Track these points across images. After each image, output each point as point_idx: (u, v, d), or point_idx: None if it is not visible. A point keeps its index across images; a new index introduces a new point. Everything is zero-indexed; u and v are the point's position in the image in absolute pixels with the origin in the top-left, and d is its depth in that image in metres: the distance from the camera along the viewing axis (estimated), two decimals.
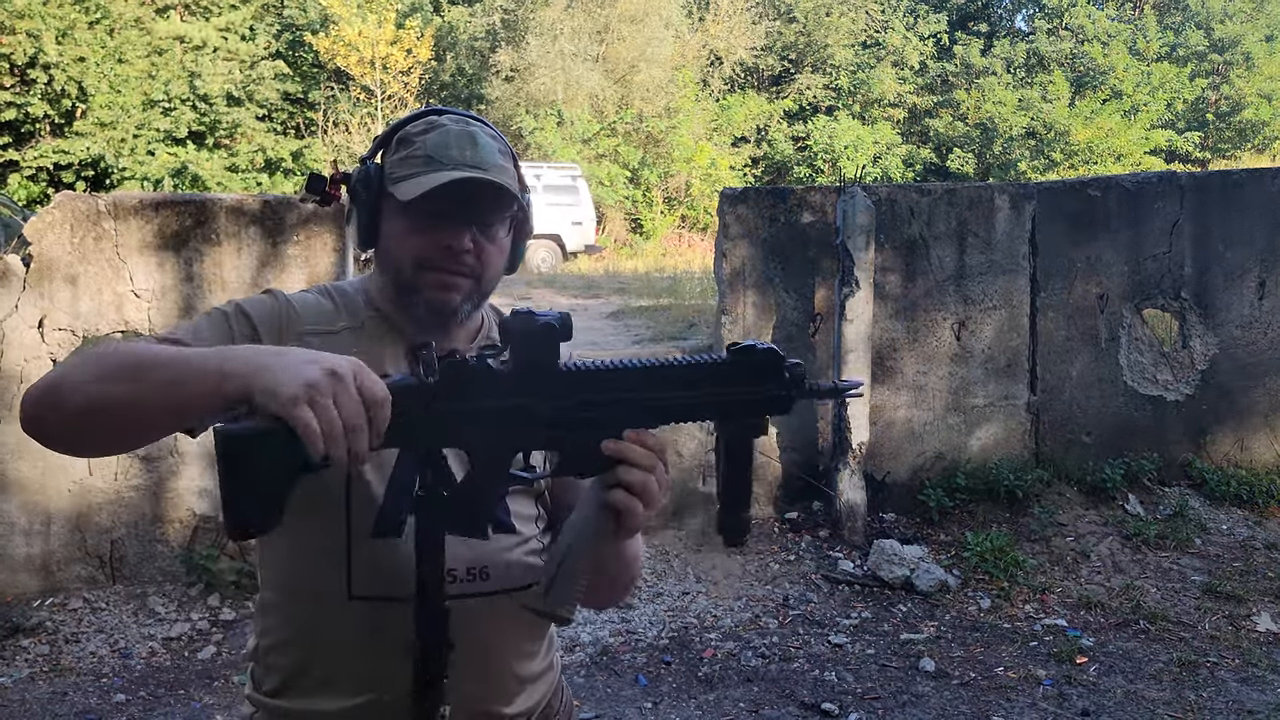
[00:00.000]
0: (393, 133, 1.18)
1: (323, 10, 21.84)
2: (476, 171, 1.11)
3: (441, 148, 1.13)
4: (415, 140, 1.14)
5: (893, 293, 4.80)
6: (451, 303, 1.14)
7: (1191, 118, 23.98)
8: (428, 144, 1.13)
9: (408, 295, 1.15)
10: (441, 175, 1.10)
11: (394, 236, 1.15)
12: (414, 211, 1.11)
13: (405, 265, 1.14)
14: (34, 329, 3.94)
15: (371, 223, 1.16)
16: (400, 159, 1.14)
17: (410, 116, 1.18)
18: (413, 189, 1.10)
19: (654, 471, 0.98)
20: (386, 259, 1.17)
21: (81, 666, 3.62)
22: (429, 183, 1.10)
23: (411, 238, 1.13)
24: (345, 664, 1.11)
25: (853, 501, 4.55)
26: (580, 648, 3.77)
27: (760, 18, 25.09)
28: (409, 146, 1.14)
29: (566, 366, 0.97)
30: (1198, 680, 3.49)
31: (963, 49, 25.43)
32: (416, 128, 1.15)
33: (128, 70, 18.03)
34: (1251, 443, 4.97)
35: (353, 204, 1.16)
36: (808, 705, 3.34)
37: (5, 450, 3.93)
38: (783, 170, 24.21)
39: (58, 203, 4.03)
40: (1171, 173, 5.16)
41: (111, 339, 0.93)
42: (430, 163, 1.12)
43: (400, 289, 1.15)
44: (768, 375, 0.96)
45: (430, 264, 1.13)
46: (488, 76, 22.33)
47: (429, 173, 1.11)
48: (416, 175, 1.11)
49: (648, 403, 0.97)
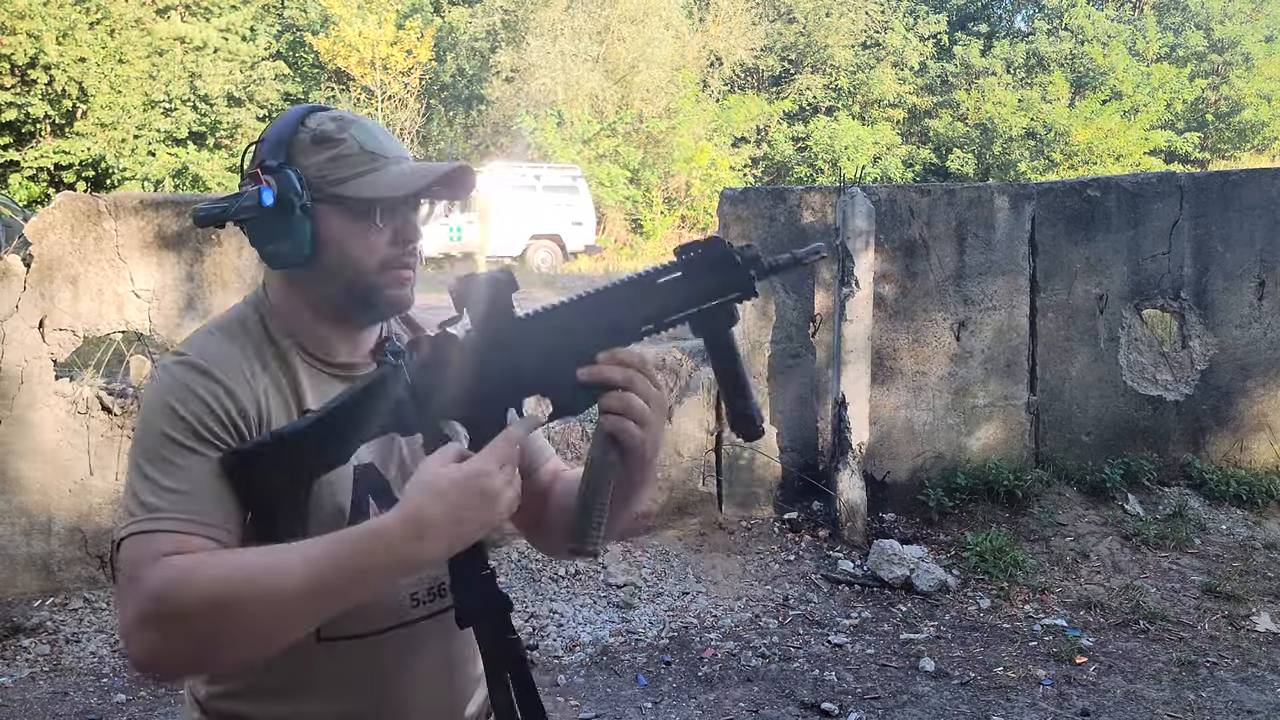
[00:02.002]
0: (285, 139, 1.08)
1: (323, 11, 21.86)
2: (411, 160, 1.10)
3: (372, 140, 1.09)
4: (336, 138, 1.07)
5: (892, 293, 4.80)
6: (409, 297, 1.13)
7: (1191, 118, 23.99)
8: (355, 139, 1.08)
9: (365, 301, 1.10)
10: (406, 168, 1.08)
11: (350, 241, 1.07)
12: (384, 212, 1.07)
13: (369, 269, 1.08)
14: (34, 329, 3.95)
15: (313, 234, 1.06)
16: (328, 159, 1.07)
17: (294, 120, 1.10)
18: (389, 186, 1.06)
19: (634, 386, 0.96)
20: (334, 268, 1.08)
21: (82, 666, 3.62)
22: (411, 176, 1.07)
23: (373, 238, 1.07)
24: (314, 707, 1.08)
25: (853, 501, 4.56)
26: (580, 648, 3.77)
27: (760, 18, 25.11)
28: (332, 145, 1.07)
29: (525, 313, 0.99)
30: (1197, 680, 3.49)
31: (962, 49, 25.44)
32: (325, 126, 1.08)
33: (128, 71, 18.03)
34: (1251, 443, 4.97)
35: (280, 217, 1.05)
36: (808, 705, 3.34)
37: (5, 450, 3.93)
38: (783, 171, 24.22)
39: (58, 203, 4.03)
40: (1171, 173, 5.16)
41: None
42: (374, 158, 1.07)
43: (357, 297, 1.10)
44: (721, 264, 0.95)
45: (393, 262, 1.09)
46: (488, 77, 22.34)
47: (378, 169, 1.07)
48: (367, 173, 1.06)
49: (613, 324, 0.97)
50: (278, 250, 1.07)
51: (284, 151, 1.07)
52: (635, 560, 4.41)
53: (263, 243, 1.08)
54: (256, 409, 1.04)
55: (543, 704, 1.05)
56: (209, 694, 1.09)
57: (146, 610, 0.90)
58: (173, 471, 0.98)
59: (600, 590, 4.20)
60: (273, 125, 1.11)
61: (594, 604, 4.09)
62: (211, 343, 1.07)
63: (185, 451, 0.99)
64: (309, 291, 1.10)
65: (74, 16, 17.20)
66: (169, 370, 1.04)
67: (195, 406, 1.01)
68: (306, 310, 1.11)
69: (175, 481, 0.97)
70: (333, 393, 1.09)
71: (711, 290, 0.95)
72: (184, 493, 0.97)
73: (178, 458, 0.99)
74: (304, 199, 1.05)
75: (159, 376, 1.04)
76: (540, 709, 1.04)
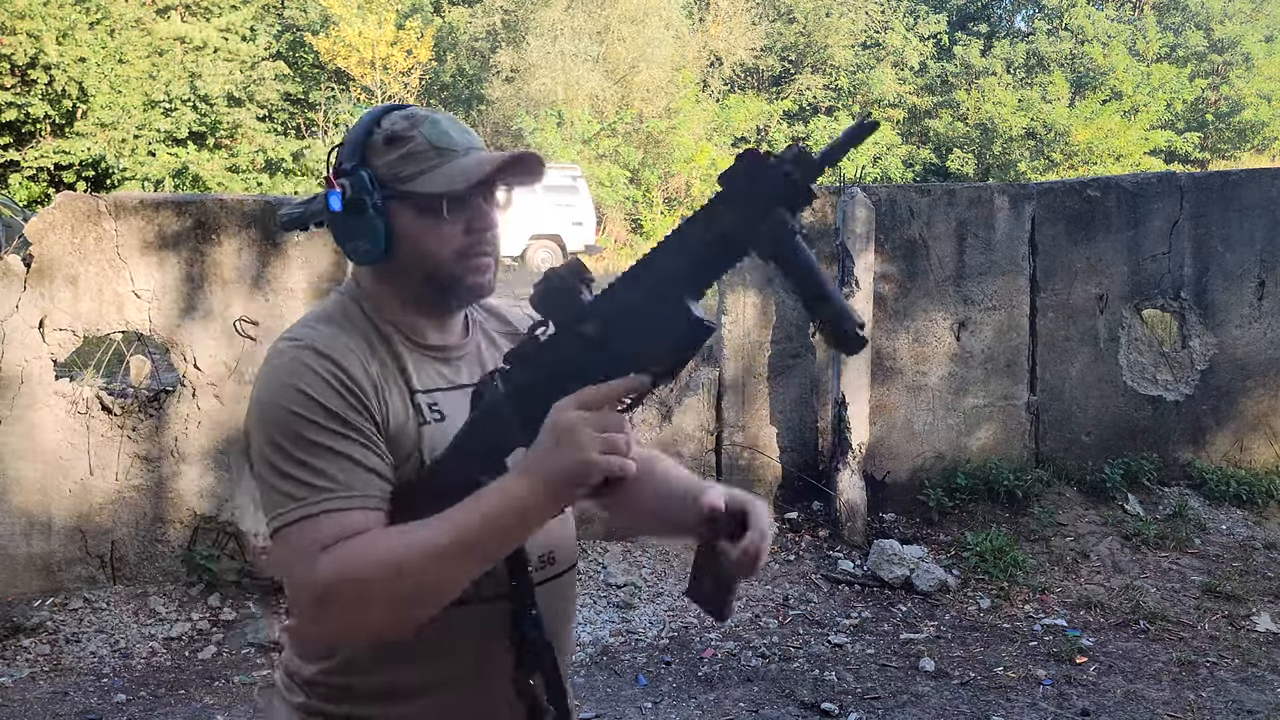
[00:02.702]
0: (360, 141, 1.13)
1: (323, 11, 21.86)
2: (484, 151, 1.13)
3: (442, 136, 1.12)
4: (407, 136, 1.11)
5: (892, 293, 4.80)
6: (490, 283, 1.17)
7: (1191, 118, 23.99)
8: (425, 136, 1.11)
9: (447, 290, 1.15)
10: (472, 160, 1.11)
11: (424, 235, 1.12)
12: (451, 204, 1.11)
13: (445, 260, 1.12)
14: (34, 329, 3.95)
15: (388, 230, 1.11)
16: (399, 158, 1.11)
17: (369, 122, 1.14)
18: (452, 179, 1.09)
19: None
20: (412, 261, 1.13)
21: (82, 666, 3.62)
22: (473, 167, 1.10)
23: (448, 230, 1.11)
24: (411, 676, 1.11)
25: (853, 501, 4.56)
26: (580, 647, 3.77)
27: (760, 18, 25.12)
28: (402, 144, 1.11)
29: (592, 298, 0.99)
30: (1197, 680, 3.49)
31: (962, 49, 25.45)
32: (396, 125, 1.12)
33: (128, 71, 18.03)
34: (1251, 443, 4.97)
35: (355, 217, 1.10)
36: (808, 705, 3.34)
37: (6, 451, 3.93)
38: None
39: (58, 203, 4.03)
40: (1171, 173, 5.16)
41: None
42: (441, 153, 1.11)
43: (438, 287, 1.14)
44: (764, 176, 0.90)
45: (469, 251, 1.13)
46: (488, 77, 22.34)
47: (448, 161, 1.10)
48: (438, 166, 1.10)
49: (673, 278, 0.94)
50: (356, 248, 1.12)
51: (359, 153, 1.12)
52: (635, 560, 4.41)
53: (343, 240, 1.13)
54: (374, 389, 1.08)
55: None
56: (316, 671, 1.13)
57: (318, 593, 0.97)
58: (319, 453, 1.02)
59: (600, 590, 4.20)
60: (354, 127, 1.17)
61: (594, 604, 4.09)
62: (322, 329, 1.11)
63: (326, 432, 1.03)
64: (395, 282, 1.15)
65: (74, 16, 17.20)
66: (288, 355, 1.07)
67: (323, 389, 1.04)
68: (395, 299, 1.16)
69: (324, 462, 1.01)
70: (433, 373, 1.16)
71: (760, 208, 0.89)
72: (334, 473, 1.01)
73: (322, 438, 1.02)
74: (376, 198, 1.10)
75: (277, 362, 1.07)
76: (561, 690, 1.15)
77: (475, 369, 1.20)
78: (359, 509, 1.01)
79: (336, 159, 1.14)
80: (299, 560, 0.99)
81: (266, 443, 1.04)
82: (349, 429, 1.04)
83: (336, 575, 0.97)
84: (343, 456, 1.03)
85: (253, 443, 1.07)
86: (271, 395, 1.05)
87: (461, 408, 1.10)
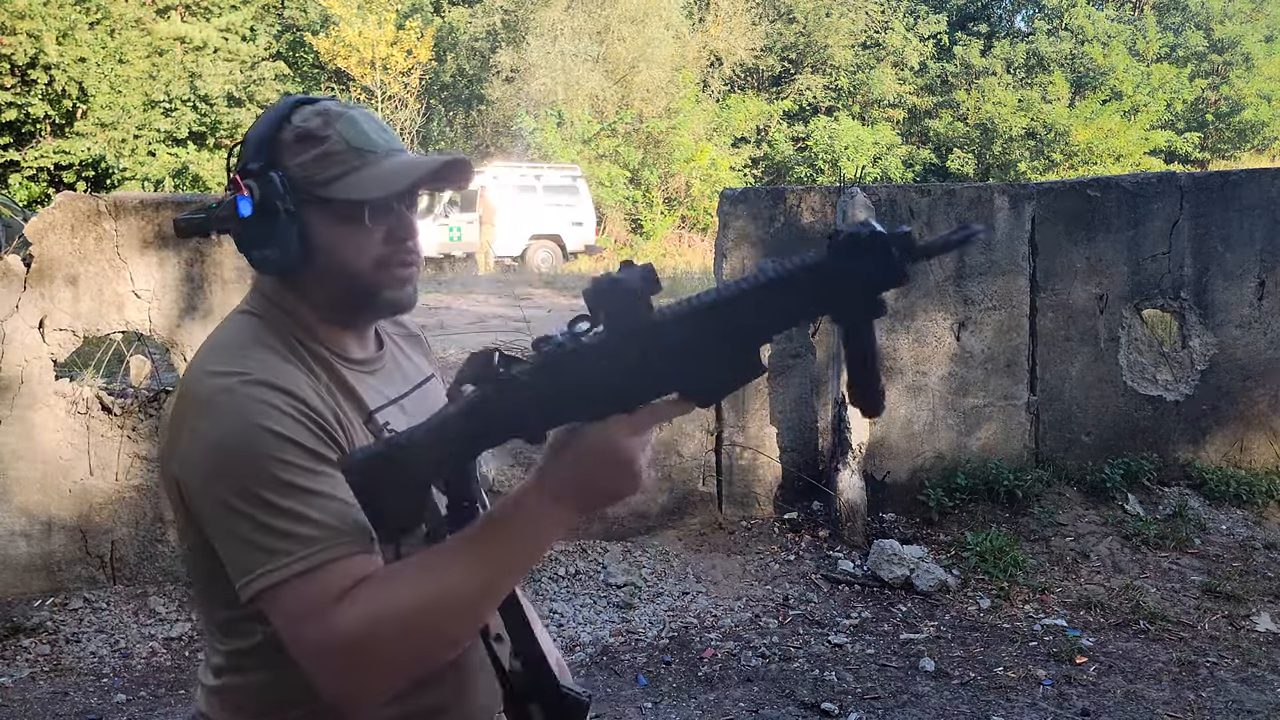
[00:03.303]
0: (268, 138, 1.03)
1: (323, 11, 21.87)
2: (406, 153, 1.06)
3: (361, 135, 1.03)
4: (321, 135, 1.02)
5: (892, 293, 4.79)
6: (412, 296, 1.09)
7: (1191, 118, 24.00)
8: (342, 135, 1.02)
9: (365, 303, 1.07)
10: (396, 163, 1.03)
11: (341, 243, 1.02)
12: (373, 211, 1.02)
13: (364, 270, 1.04)
14: (34, 329, 3.95)
15: (302, 237, 1.01)
16: (313, 159, 1.01)
17: (277, 117, 1.04)
18: (375, 185, 1.01)
19: None
20: (327, 272, 1.03)
21: (82, 666, 3.62)
22: (400, 172, 1.02)
23: (367, 238, 1.03)
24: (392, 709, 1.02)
25: (853, 501, 4.56)
26: (580, 647, 3.77)
27: (760, 18, 25.12)
28: (316, 143, 1.02)
29: (662, 311, 0.93)
30: (1197, 680, 3.49)
31: (962, 49, 25.45)
32: (309, 123, 1.02)
33: (128, 71, 18.04)
34: (1251, 443, 4.97)
35: (265, 222, 1.00)
36: (808, 705, 3.34)
37: (6, 451, 3.93)
38: (783, 171, 24.22)
39: (58, 203, 4.04)
40: (1171, 173, 5.16)
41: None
42: (361, 154, 1.02)
43: (356, 299, 1.06)
44: (869, 253, 0.88)
45: (390, 261, 1.05)
46: (488, 77, 22.35)
47: (366, 165, 1.02)
48: (358, 169, 1.01)
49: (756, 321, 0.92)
50: (264, 256, 1.02)
51: (267, 152, 1.02)
52: (635, 560, 4.41)
53: (249, 248, 1.03)
54: (334, 416, 1.00)
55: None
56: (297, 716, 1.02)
57: (350, 649, 0.87)
58: (304, 497, 0.92)
59: (600, 590, 4.20)
60: (257, 122, 1.06)
61: (594, 604, 4.09)
62: (257, 355, 1.00)
63: (307, 473, 0.93)
64: (308, 295, 1.06)
65: (74, 17, 17.21)
66: (238, 392, 0.95)
67: (292, 425, 0.94)
68: (313, 313, 1.07)
69: (312, 508, 0.91)
70: (370, 389, 1.07)
71: (857, 280, 0.88)
72: (324, 518, 0.92)
73: (304, 480, 0.92)
74: (288, 202, 1.00)
75: (226, 400, 0.95)
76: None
77: (398, 380, 1.14)
78: (360, 553, 0.92)
79: (240, 157, 1.04)
80: (309, 619, 0.88)
81: (236, 494, 0.91)
82: (323, 462, 0.94)
83: (370, 621, 0.87)
84: (329, 498, 0.93)
85: (210, 495, 0.93)
86: (234, 438, 0.93)
87: (401, 422, 1.03)
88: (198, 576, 1.06)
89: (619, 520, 4.58)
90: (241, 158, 1.04)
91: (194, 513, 0.97)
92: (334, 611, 0.88)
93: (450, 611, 0.90)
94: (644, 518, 4.62)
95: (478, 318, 8.64)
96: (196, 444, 0.95)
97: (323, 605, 0.88)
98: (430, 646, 0.91)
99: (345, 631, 0.87)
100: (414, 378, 1.17)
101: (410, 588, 0.89)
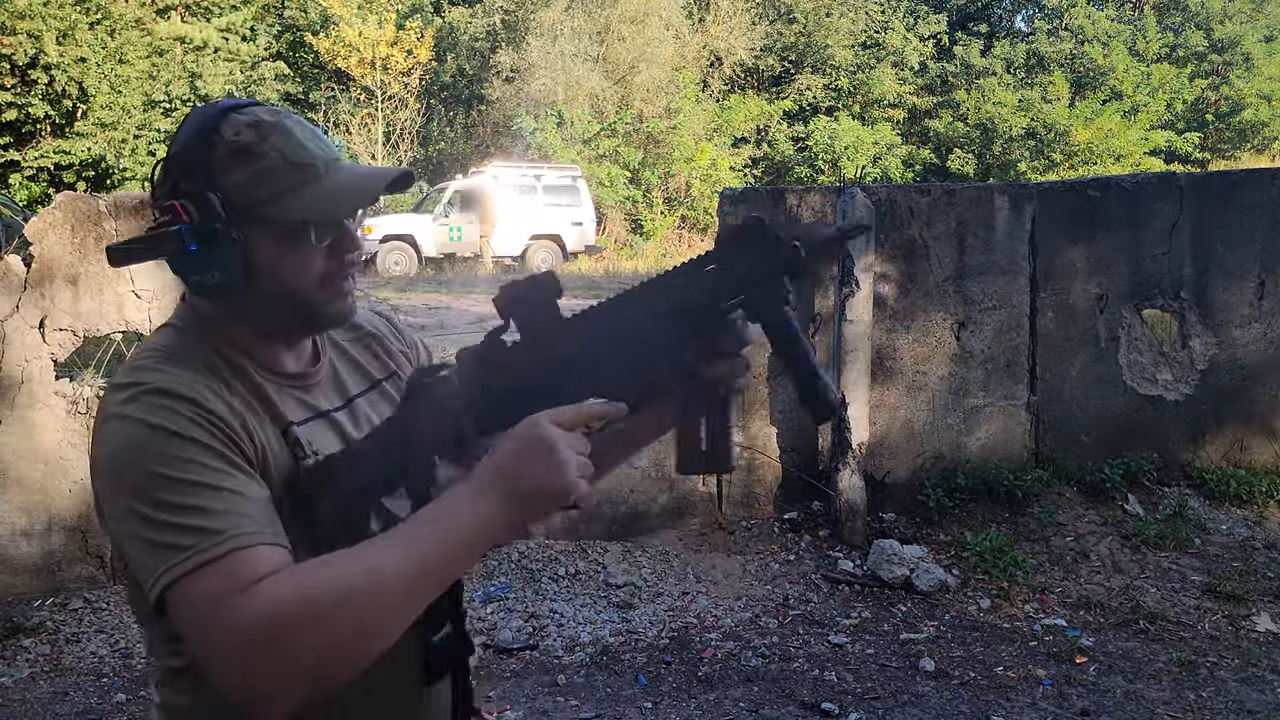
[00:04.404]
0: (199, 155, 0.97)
1: (323, 11, 21.88)
2: (343, 162, 1.03)
3: (298, 149, 0.99)
4: (257, 151, 0.97)
5: (892, 293, 4.80)
6: (352, 307, 1.08)
7: (1191, 118, 24.00)
8: (279, 150, 0.98)
9: (308, 319, 1.05)
10: (341, 180, 1.00)
11: (283, 263, 0.99)
12: (319, 230, 0.99)
13: (308, 288, 1.01)
14: (35, 329, 3.95)
15: (243, 259, 0.97)
16: (250, 177, 0.97)
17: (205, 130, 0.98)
18: (323, 206, 0.98)
19: None
20: (269, 292, 0.99)
21: (82, 666, 3.62)
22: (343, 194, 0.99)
23: (311, 257, 1.00)
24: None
25: (853, 501, 4.56)
26: (580, 647, 3.77)
27: (760, 18, 25.12)
28: (252, 159, 0.97)
29: (572, 316, 0.96)
30: (1197, 680, 3.49)
31: (963, 49, 25.46)
32: (243, 136, 0.97)
33: (128, 71, 18.06)
34: (1251, 443, 4.97)
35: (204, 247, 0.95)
36: (808, 705, 3.34)
37: (6, 450, 3.93)
38: (783, 171, 24.22)
39: (59, 203, 4.04)
40: (1171, 173, 5.16)
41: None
42: (300, 169, 0.98)
43: (298, 316, 1.04)
44: (763, 243, 0.91)
45: (334, 277, 1.02)
46: (488, 77, 22.35)
47: (310, 181, 0.98)
48: (298, 187, 0.98)
49: (663, 314, 0.94)
50: (204, 280, 0.97)
51: (200, 171, 0.97)
52: (635, 560, 4.41)
53: (187, 272, 0.98)
54: (242, 426, 0.96)
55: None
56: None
57: (257, 637, 0.82)
58: (202, 492, 0.88)
59: (600, 590, 4.20)
60: (183, 133, 0.99)
61: (594, 604, 4.09)
62: (167, 369, 0.96)
63: (205, 469, 0.90)
64: (245, 312, 1.02)
65: (74, 17, 17.22)
66: (140, 402, 0.92)
67: (188, 425, 0.91)
68: (246, 329, 1.03)
69: (212, 501, 0.88)
70: (295, 404, 1.05)
71: (760, 271, 0.91)
72: (226, 510, 0.88)
73: (203, 476, 0.89)
74: (229, 225, 0.95)
75: (124, 409, 0.92)
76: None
77: (333, 393, 1.11)
78: (269, 543, 0.88)
79: (166, 173, 0.98)
80: (212, 610, 0.84)
81: (133, 495, 0.88)
82: (226, 463, 0.91)
83: (278, 606, 0.82)
84: (230, 492, 0.89)
85: (113, 501, 0.91)
86: (129, 440, 0.90)
87: (327, 438, 1.02)
88: (132, 598, 1.02)
89: (619, 520, 4.58)
90: (170, 175, 0.98)
91: (112, 533, 0.94)
92: (239, 600, 0.83)
93: (369, 601, 0.84)
94: (644, 518, 4.62)
95: (478, 318, 8.64)
96: (100, 457, 0.93)
97: (227, 595, 0.83)
98: (345, 636, 0.84)
99: (250, 618, 0.82)
100: (353, 389, 1.14)
101: (326, 575, 0.85)
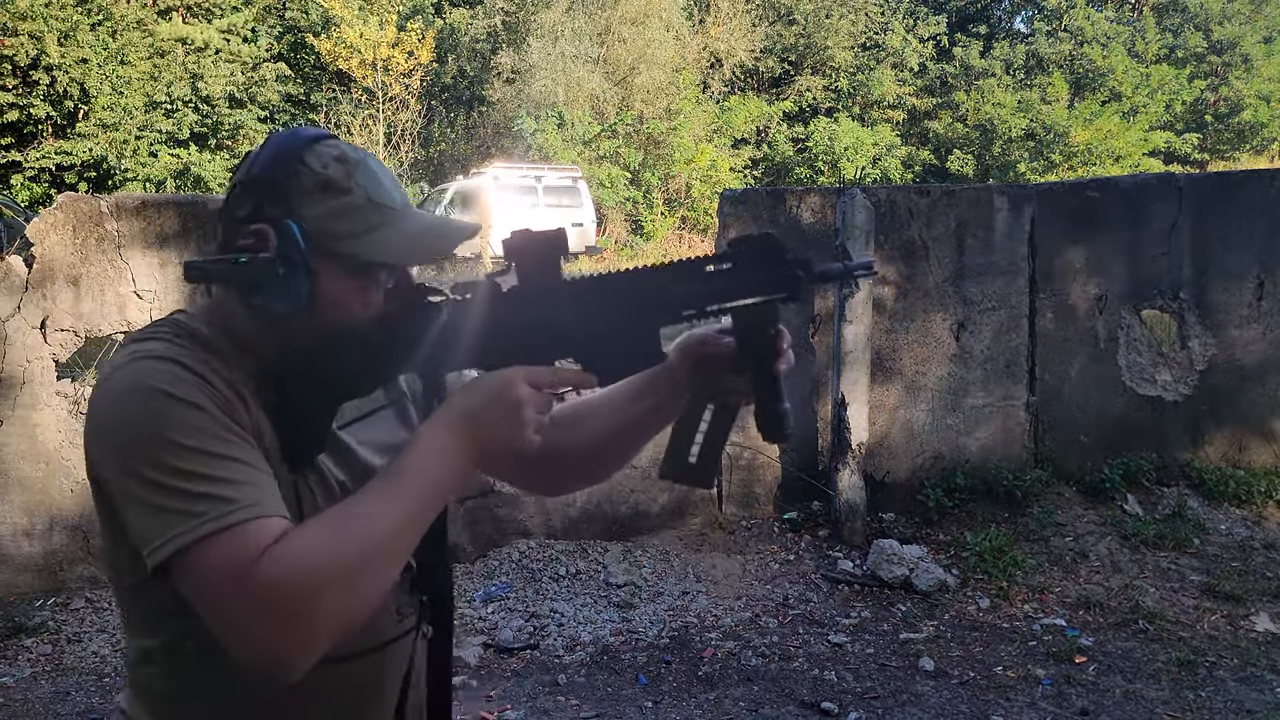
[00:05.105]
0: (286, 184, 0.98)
1: (325, 13, 21.89)
2: (413, 209, 1.06)
3: (380, 189, 1.02)
4: (344, 187, 0.99)
5: (892, 294, 4.81)
6: None
7: (1190, 119, 23.98)
8: (362, 188, 1.00)
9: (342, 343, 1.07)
10: (416, 228, 1.02)
11: (349, 298, 1.00)
12: (389, 271, 1.03)
13: (365, 322, 1.02)
14: (36, 329, 3.96)
15: (310, 289, 0.97)
16: (333, 210, 0.98)
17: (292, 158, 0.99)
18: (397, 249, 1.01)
19: None
20: (326, 322, 1.00)
21: (84, 666, 3.63)
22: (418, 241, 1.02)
23: (373, 295, 1.02)
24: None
25: (852, 501, 4.57)
26: (580, 647, 3.78)
27: (760, 20, 25.12)
28: (338, 194, 0.99)
29: (572, 277, 0.99)
30: (1197, 680, 3.50)
31: (962, 51, 25.46)
32: (331, 170, 0.99)
33: (130, 72, 18.06)
34: (1250, 443, 4.98)
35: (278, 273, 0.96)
36: (807, 704, 3.35)
37: (8, 451, 3.94)
38: (783, 172, 24.22)
39: (60, 204, 4.05)
40: (1170, 174, 5.17)
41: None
42: (380, 210, 1.01)
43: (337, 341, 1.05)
44: (772, 260, 0.93)
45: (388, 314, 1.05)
46: (489, 78, 22.35)
47: (388, 223, 1.00)
48: (378, 228, 1.00)
49: (659, 302, 0.97)
50: (267, 303, 0.97)
51: (286, 198, 0.98)
52: (635, 560, 4.42)
53: (250, 293, 0.97)
54: (239, 397, 0.96)
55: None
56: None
57: (278, 604, 0.85)
58: (213, 461, 0.89)
59: (600, 590, 4.20)
60: (269, 156, 1.01)
61: (594, 604, 4.10)
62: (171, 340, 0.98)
63: (216, 439, 0.90)
64: (287, 334, 1.00)
65: (76, 18, 17.23)
66: (140, 366, 0.93)
67: (194, 392, 0.91)
68: (274, 344, 1.01)
69: (224, 470, 0.89)
70: None
71: (758, 285, 0.94)
72: (238, 479, 0.89)
73: (213, 445, 0.89)
74: (306, 256, 0.96)
75: (133, 367, 0.93)
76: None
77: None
78: (279, 516, 0.89)
79: (247, 195, 0.99)
80: (224, 578, 0.85)
81: (141, 459, 0.88)
82: (235, 435, 0.92)
83: (292, 570, 0.85)
84: (241, 463, 0.90)
85: (115, 463, 0.91)
86: (138, 402, 0.90)
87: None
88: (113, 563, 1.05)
89: (619, 520, 4.59)
90: (252, 198, 0.99)
91: (107, 497, 0.95)
92: (255, 568, 0.85)
93: (368, 549, 0.89)
94: (644, 517, 4.63)
95: None
96: (102, 412, 0.93)
97: (243, 562, 0.85)
98: (355, 596, 0.88)
99: (268, 586, 0.84)
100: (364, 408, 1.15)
101: (326, 533, 0.88)
